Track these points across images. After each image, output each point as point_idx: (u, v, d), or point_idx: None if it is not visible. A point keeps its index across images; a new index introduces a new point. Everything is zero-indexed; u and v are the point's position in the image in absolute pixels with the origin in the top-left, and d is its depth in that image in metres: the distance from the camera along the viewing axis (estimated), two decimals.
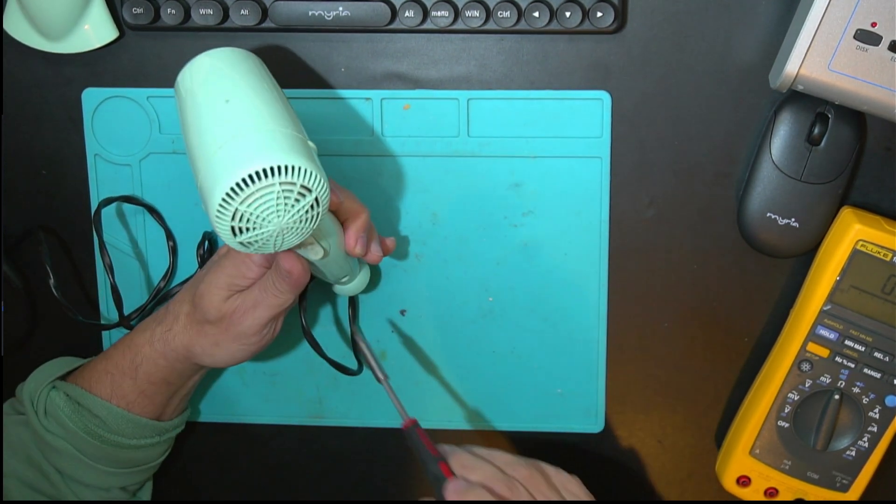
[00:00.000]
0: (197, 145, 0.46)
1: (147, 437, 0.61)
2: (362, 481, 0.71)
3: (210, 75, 0.48)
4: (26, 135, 0.66)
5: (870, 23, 0.54)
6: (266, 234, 0.45)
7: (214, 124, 0.45)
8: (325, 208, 0.47)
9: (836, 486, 0.63)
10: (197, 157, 0.46)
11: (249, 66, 0.49)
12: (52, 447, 0.58)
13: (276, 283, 0.56)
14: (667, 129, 0.63)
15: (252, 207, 0.44)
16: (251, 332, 0.57)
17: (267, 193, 0.44)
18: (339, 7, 0.61)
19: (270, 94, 0.48)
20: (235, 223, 0.44)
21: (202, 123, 0.46)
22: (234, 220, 0.44)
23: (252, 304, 0.57)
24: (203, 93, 0.47)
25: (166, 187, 0.66)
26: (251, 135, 0.44)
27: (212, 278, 0.57)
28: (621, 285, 0.66)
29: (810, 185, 0.61)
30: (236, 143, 0.44)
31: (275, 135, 0.45)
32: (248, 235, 0.45)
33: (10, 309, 0.69)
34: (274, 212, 0.44)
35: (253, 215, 0.44)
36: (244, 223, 0.44)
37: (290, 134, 0.46)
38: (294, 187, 0.44)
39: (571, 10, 0.60)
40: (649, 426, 0.68)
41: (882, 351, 0.60)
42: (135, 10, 0.61)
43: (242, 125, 0.45)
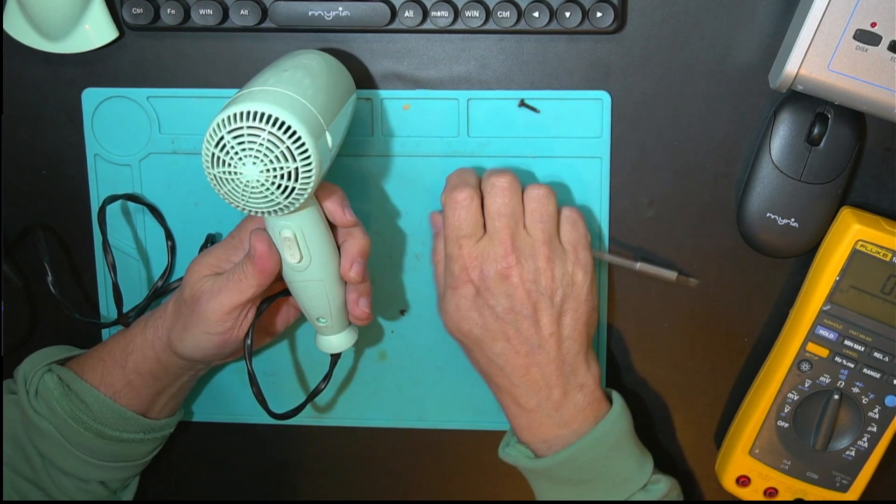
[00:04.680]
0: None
1: (131, 431, 0.62)
2: (362, 481, 0.71)
3: (308, 54, 0.56)
4: (26, 135, 0.66)
5: (870, 23, 0.54)
6: (238, 176, 0.48)
7: (268, 73, 0.52)
8: (305, 190, 0.49)
9: (836, 486, 0.63)
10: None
11: (333, 69, 0.57)
12: (38, 428, 0.59)
13: (243, 266, 0.56)
14: (667, 129, 0.63)
15: (235, 141, 0.48)
16: (213, 318, 0.56)
17: (252, 135, 0.47)
18: (339, 7, 0.61)
19: (324, 86, 0.53)
20: (218, 151, 0.48)
21: (265, 70, 0.53)
22: (217, 148, 0.48)
23: (219, 288, 0.57)
24: (287, 58, 0.55)
25: (166, 187, 0.66)
26: (276, 89, 0.49)
27: (201, 257, 0.59)
28: (621, 285, 0.66)
29: (810, 186, 0.61)
30: (261, 90, 0.49)
31: (293, 99, 0.49)
32: (221, 169, 0.48)
33: (10, 309, 0.69)
34: (251, 155, 0.48)
35: (233, 150, 0.48)
36: (224, 154, 0.48)
37: (309, 109, 0.49)
38: (280, 144, 0.48)
39: (571, 10, 0.60)
40: (649, 426, 0.68)
41: (882, 351, 0.60)
42: (135, 10, 0.61)
43: (278, 83, 0.50)
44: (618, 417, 0.59)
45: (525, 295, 0.57)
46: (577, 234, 0.59)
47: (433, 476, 0.71)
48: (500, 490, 0.70)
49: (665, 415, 0.68)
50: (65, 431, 0.59)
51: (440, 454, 0.70)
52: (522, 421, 0.59)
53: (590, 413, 0.59)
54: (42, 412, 0.59)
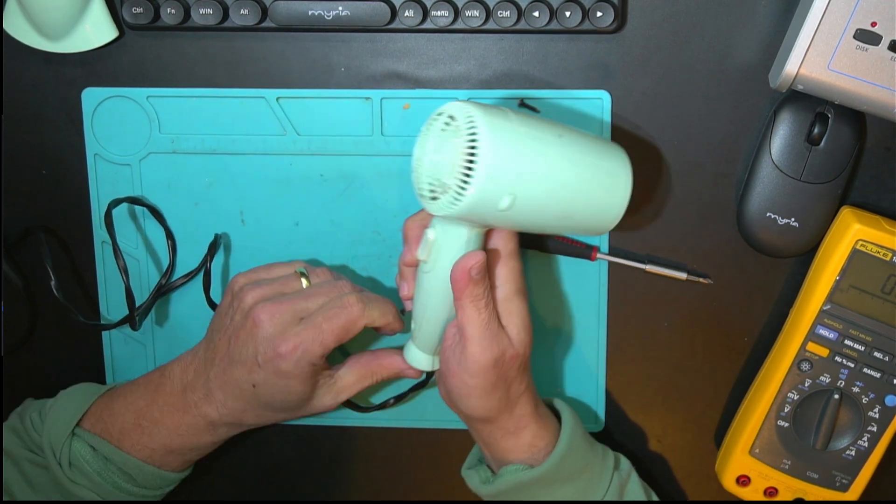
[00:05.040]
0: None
1: (173, 483, 0.63)
2: (362, 481, 0.71)
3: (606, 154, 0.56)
4: (26, 135, 0.66)
5: (870, 23, 0.54)
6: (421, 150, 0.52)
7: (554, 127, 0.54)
8: (457, 198, 0.50)
9: (836, 485, 0.63)
10: None
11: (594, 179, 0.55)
12: (78, 496, 0.58)
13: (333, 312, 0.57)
14: (667, 129, 0.63)
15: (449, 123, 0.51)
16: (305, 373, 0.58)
17: (437, 121, 0.52)
18: (339, 7, 0.61)
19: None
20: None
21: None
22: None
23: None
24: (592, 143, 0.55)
25: (166, 187, 0.66)
26: (512, 122, 0.51)
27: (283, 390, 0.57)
28: (621, 285, 0.66)
29: (810, 185, 0.61)
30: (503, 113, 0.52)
31: (497, 109, 0.51)
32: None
33: (10, 309, 0.69)
34: (431, 133, 0.52)
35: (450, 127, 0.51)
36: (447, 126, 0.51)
37: (518, 156, 0.50)
38: (452, 124, 0.50)
39: (571, 10, 0.60)
40: (649, 426, 0.68)
41: (882, 351, 0.60)
42: (135, 10, 0.61)
43: (524, 121, 0.52)
44: (569, 406, 0.61)
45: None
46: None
47: (433, 476, 0.71)
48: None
49: (665, 415, 0.68)
50: (107, 495, 0.59)
51: (440, 454, 0.70)
52: (534, 425, 0.58)
53: (543, 405, 0.60)
54: (81, 482, 0.58)
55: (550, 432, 0.58)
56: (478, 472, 0.61)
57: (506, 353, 0.55)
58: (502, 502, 0.59)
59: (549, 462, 0.57)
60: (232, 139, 0.64)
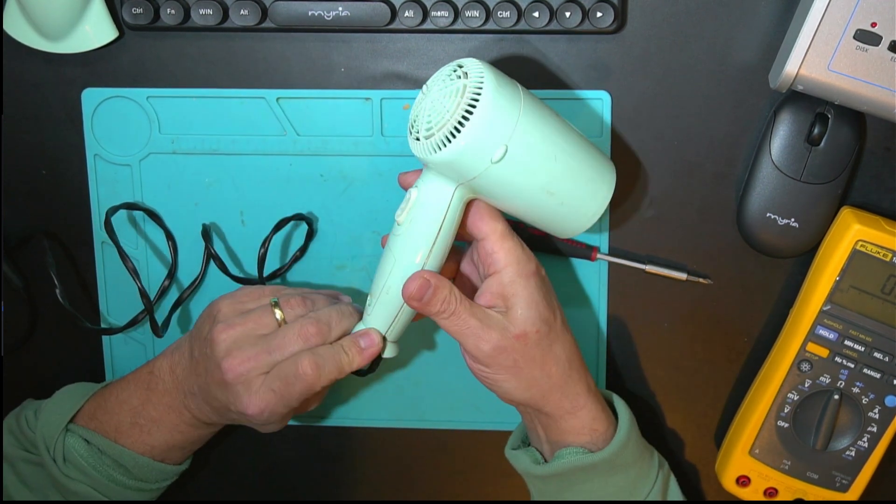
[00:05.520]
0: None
1: (171, 477, 0.63)
2: (362, 481, 0.71)
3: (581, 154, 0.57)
4: (26, 135, 0.66)
5: (870, 23, 0.54)
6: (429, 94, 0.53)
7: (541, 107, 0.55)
8: (476, 103, 0.51)
9: (836, 486, 0.63)
10: None
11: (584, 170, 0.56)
12: (73, 492, 0.58)
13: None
14: (667, 129, 0.63)
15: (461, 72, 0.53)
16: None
17: (448, 67, 0.54)
18: (339, 7, 0.61)
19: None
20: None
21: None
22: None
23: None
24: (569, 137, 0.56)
25: (166, 187, 0.66)
26: (514, 90, 0.53)
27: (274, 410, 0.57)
28: (621, 285, 0.66)
29: (810, 186, 0.61)
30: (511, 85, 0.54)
31: (514, 100, 0.52)
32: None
33: (10, 309, 0.69)
34: (439, 77, 0.54)
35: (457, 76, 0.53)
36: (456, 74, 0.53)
37: (516, 117, 0.52)
38: (459, 70, 0.53)
39: (571, 10, 0.60)
40: (649, 426, 0.68)
41: (882, 351, 0.60)
42: (134, 10, 0.61)
43: (528, 104, 0.54)
44: (618, 396, 0.61)
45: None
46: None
47: (433, 476, 0.71)
48: (501, 490, 0.70)
49: (665, 415, 0.68)
50: (104, 490, 0.59)
51: (440, 454, 0.70)
52: (594, 407, 0.58)
53: (596, 387, 0.60)
54: (76, 477, 0.58)
55: (608, 416, 0.58)
56: (528, 454, 0.60)
57: (507, 336, 0.55)
58: (544, 496, 0.59)
59: (610, 448, 0.56)
60: (232, 139, 0.64)
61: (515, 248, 0.55)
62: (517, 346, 0.55)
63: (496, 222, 0.55)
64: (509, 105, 0.51)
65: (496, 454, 0.67)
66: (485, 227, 0.55)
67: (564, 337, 0.57)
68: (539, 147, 0.52)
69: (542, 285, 0.56)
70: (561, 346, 0.57)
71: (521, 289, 0.55)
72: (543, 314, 0.56)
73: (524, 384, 0.56)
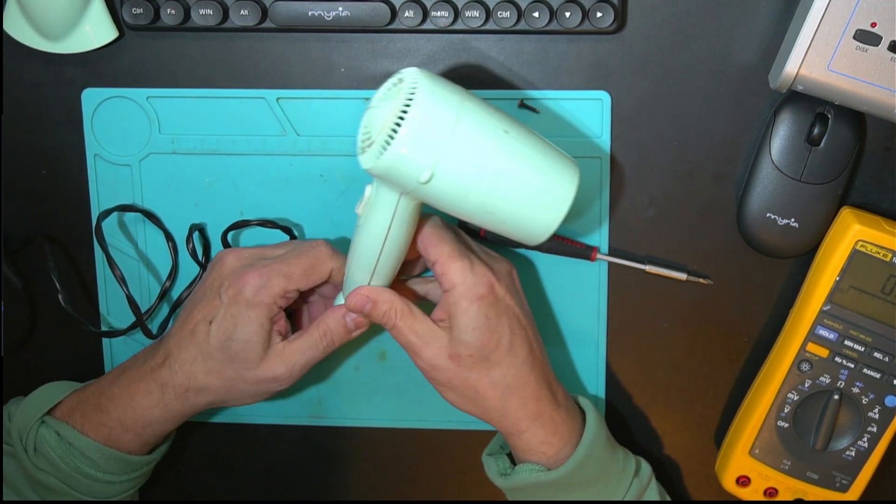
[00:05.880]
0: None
1: (140, 469, 0.61)
2: (362, 481, 0.71)
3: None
4: (26, 135, 0.66)
5: (870, 23, 0.54)
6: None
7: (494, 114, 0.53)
8: (382, 146, 0.50)
9: (836, 486, 0.63)
10: None
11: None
12: (43, 484, 0.58)
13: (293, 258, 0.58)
14: (667, 129, 0.63)
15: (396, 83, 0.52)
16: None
17: (391, 79, 0.52)
18: (339, 7, 0.61)
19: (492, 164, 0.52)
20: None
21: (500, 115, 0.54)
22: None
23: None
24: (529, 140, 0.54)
25: (166, 187, 0.66)
26: (455, 94, 0.51)
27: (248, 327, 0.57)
28: (621, 285, 0.66)
29: (810, 186, 0.61)
30: (447, 86, 0.52)
31: (450, 104, 0.50)
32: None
33: (10, 309, 0.69)
34: (382, 88, 0.52)
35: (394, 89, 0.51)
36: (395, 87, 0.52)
37: (454, 123, 0.50)
38: (396, 80, 0.51)
39: (571, 10, 0.60)
40: (649, 426, 0.68)
41: (882, 351, 0.60)
42: (134, 11, 0.61)
43: (474, 107, 0.52)
44: (594, 406, 0.60)
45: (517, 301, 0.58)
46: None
47: (433, 476, 0.71)
48: (500, 490, 0.70)
49: (665, 415, 0.68)
50: (72, 483, 0.58)
51: (440, 454, 0.70)
52: (540, 430, 0.57)
53: (574, 408, 0.59)
54: (45, 468, 0.58)
55: (561, 438, 0.57)
56: (496, 462, 0.60)
57: (441, 354, 0.56)
58: (517, 500, 0.60)
59: (564, 468, 0.56)
60: (232, 139, 0.64)
61: (463, 270, 0.55)
62: (451, 365, 0.56)
63: (444, 245, 0.56)
64: (440, 122, 0.49)
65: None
66: (433, 251, 0.56)
67: (508, 363, 0.56)
68: (471, 169, 0.50)
69: (490, 309, 0.55)
70: (501, 373, 0.56)
71: (462, 312, 0.55)
72: (481, 339, 0.55)
73: (461, 400, 0.58)
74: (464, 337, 0.55)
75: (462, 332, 0.55)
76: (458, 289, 0.55)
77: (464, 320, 0.55)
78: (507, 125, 0.51)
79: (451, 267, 0.55)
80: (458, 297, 0.55)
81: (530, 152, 0.52)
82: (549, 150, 0.53)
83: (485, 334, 0.55)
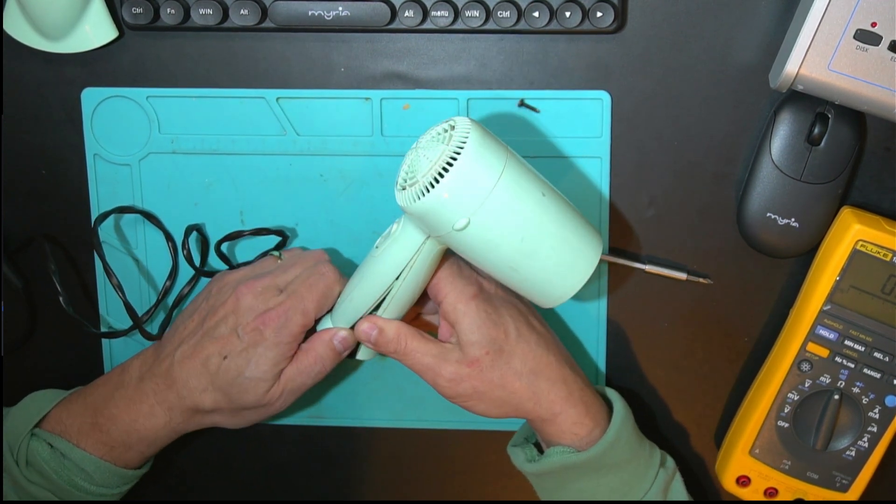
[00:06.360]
0: None
1: (132, 481, 0.61)
2: (362, 481, 0.71)
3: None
4: (26, 135, 0.66)
5: (870, 23, 0.54)
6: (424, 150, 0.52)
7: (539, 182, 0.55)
8: (461, 150, 0.50)
9: (836, 486, 0.63)
10: None
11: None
12: (33, 496, 0.57)
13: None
14: (667, 129, 0.63)
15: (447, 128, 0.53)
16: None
17: (441, 125, 0.53)
18: (339, 7, 0.61)
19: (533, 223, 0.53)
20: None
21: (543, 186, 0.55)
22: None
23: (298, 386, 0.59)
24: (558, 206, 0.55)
25: (166, 187, 0.66)
26: (503, 160, 0.52)
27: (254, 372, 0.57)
28: (621, 285, 0.66)
29: (810, 185, 0.61)
30: (498, 150, 0.53)
31: (496, 162, 0.51)
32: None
33: (10, 309, 0.69)
34: (431, 132, 0.53)
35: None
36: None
37: (492, 186, 0.51)
38: (447, 126, 0.52)
39: (571, 10, 0.60)
40: (649, 426, 0.68)
41: (882, 351, 0.60)
42: (134, 10, 0.61)
43: (520, 173, 0.53)
44: (618, 394, 0.61)
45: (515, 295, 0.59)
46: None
47: (433, 476, 0.71)
48: (500, 490, 0.70)
49: (665, 415, 0.68)
50: (64, 496, 0.58)
51: (440, 454, 0.70)
52: (572, 409, 0.58)
53: (596, 394, 0.60)
54: (37, 481, 0.57)
55: (593, 419, 0.58)
56: (524, 451, 0.61)
57: (460, 366, 0.56)
58: (544, 487, 0.60)
59: (596, 449, 0.56)
60: (232, 139, 0.64)
61: (452, 275, 0.57)
62: (473, 373, 0.56)
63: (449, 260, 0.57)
64: (485, 175, 0.50)
65: (496, 454, 0.67)
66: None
67: (523, 349, 0.57)
68: (505, 225, 0.51)
69: (487, 304, 0.57)
70: (521, 360, 0.57)
71: (462, 315, 0.56)
72: (490, 334, 0.56)
73: (493, 405, 0.58)
74: (472, 337, 0.56)
75: (469, 334, 0.56)
76: (450, 295, 0.56)
77: (466, 321, 0.56)
78: (544, 188, 0.53)
79: (438, 277, 0.57)
80: (454, 303, 0.56)
81: (562, 219, 0.53)
82: (578, 219, 0.54)
83: (490, 328, 0.56)
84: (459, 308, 0.56)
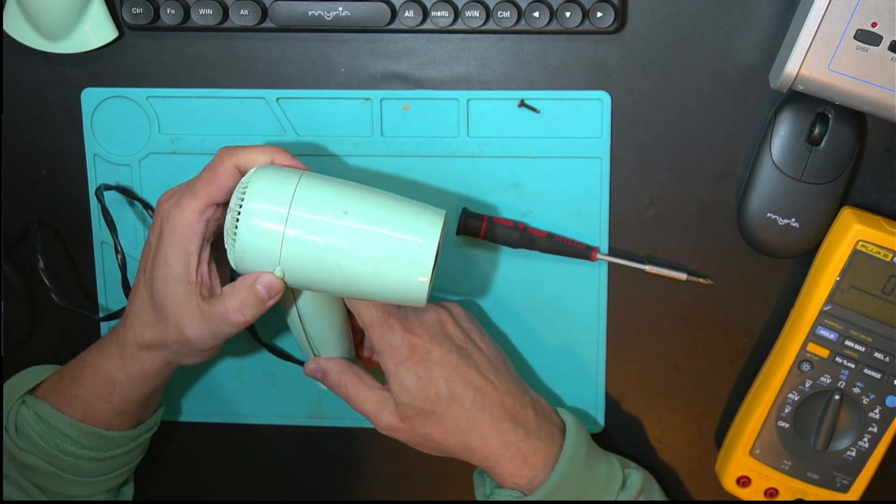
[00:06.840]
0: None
1: (122, 445, 0.61)
2: (362, 481, 0.71)
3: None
4: (26, 135, 0.66)
5: (870, 23, 0.54)
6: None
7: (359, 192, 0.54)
8: (240, 224, 0.51)
9: (837, 486, 0.63)
10: None
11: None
12: (26, 465, 0.58)
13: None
14: (667, 129, 0.63)
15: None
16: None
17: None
18: (339, 7, 0.61)
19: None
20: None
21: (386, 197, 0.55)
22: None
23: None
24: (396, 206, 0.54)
25: (166, 187, 0.65)
26: (298, 186, 0.52)
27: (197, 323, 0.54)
28: (621, 285, 0.66)
29: (810, 186, 0.60)
30: (301, 177, 0.53)
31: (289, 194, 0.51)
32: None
33: (10, 309, 0.69)
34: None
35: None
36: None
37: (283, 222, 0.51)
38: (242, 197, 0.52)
39: (571, 10, 0.60)
40: (649, 426, 0.68)
41: (882, 351, 0.60)
42: (134, 10, 0.61)
43: (319, 192, 0.53)
44: (576, 422, 0.60)
45: (457, 330, 0.59)
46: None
47: (433, 476, 0.71)
48: None
49: (665, 415, 0.68)
50: (55, 462, 0.58)
51: None
52: (509, 464, 0.57)
53: (550, 430, 0.58)
54: (27, 448, 0.57)
55: (532, 468, 0.57)
56: (483, 481, 0.60)
57: (394, 419, 0.57)
58: None
59: (539, 494, 0.56)
60: (232, 139, 0.64)
61: (383, 336, 0.56)
62: (406, 427, 0.57)
63: (365, 312, 0.57)
64: (267, 229, 0.50)
65: None
66: (360, 318, 0.57)
67: (455, 410, 0.56)
68: (315, 265, 0.51)
69: (419, 366, 0.56)
70: (452, 420, 0.57)
71: (392, 376, 0.57)
72: (420, 397, 0.56)
73: (429, 450, 0.59)
74: (403, 399, 0.57)
75: (399, 395, 0.57)
76: (384, 355, 0.57)
77: (395, 384, 0.57)
78: (346, 203, 0.51)
79: (373, 334, 0.57)
80: (386, 362, 0.57)
81: (374, 228, 0.51)
82: (395, 211, 0.52)
83: (420, 392, 0.56)
84: (390, 369, 0.57)
